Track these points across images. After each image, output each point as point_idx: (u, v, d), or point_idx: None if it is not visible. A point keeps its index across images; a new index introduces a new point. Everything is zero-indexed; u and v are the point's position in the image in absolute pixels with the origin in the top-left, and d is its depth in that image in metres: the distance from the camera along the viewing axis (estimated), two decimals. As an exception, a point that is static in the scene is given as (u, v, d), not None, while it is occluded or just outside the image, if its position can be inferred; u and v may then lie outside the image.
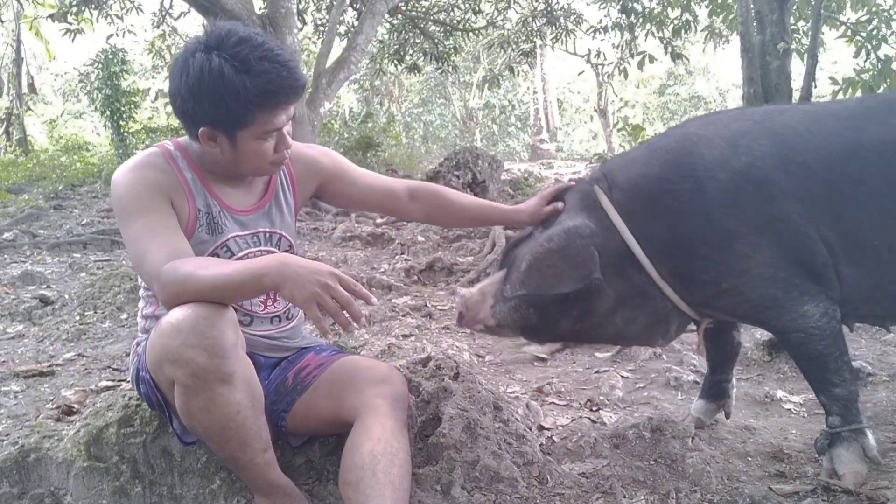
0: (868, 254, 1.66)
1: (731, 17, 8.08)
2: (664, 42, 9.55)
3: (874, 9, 6.58)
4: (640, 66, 9.61)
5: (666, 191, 1.70)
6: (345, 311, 1.26)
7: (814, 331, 1.67)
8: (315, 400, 1.56)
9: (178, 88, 1.40)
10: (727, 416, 2.03)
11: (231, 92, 1.34)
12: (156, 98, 17.61)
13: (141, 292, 1.64)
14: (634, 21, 9.22)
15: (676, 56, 9.73)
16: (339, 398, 1.53)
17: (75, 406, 2.15)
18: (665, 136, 1.87)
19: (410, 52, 11.50)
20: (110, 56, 11.26)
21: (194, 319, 1.27)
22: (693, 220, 1.67)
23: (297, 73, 1.42)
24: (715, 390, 2.02)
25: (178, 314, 1.29)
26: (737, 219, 1.64)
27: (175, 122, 12.89)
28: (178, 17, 11.29)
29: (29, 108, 16.47)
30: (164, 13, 10.50)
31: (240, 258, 1.55)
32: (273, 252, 1.60)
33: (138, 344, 1.59)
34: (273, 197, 1.64)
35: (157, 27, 11.02)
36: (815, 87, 5.72)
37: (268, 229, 1.62)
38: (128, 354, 2.62)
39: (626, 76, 10.82)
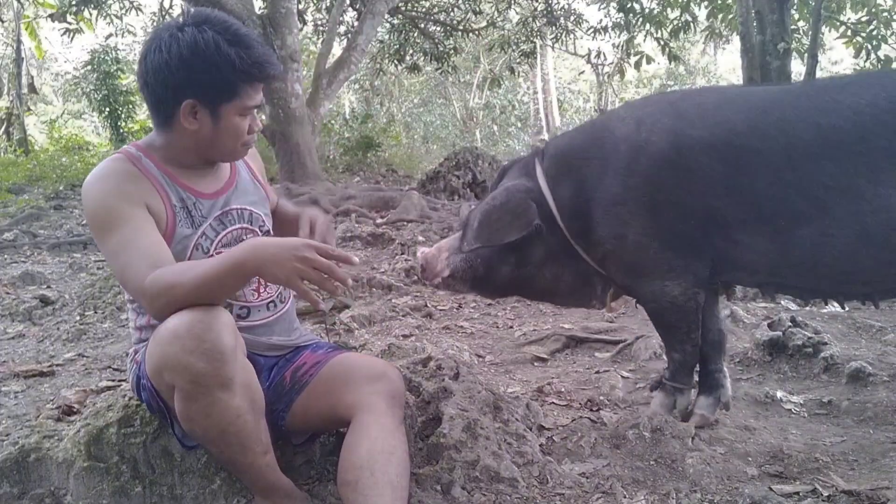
0: (766, 221, 1.79)
1: (730, 17, 8.08)
2: (661, 43, 9.56)
3: (874, 9, 6.59)
4: (637, 66, 9.62)
5: (580, 158, 1.94)
6: (330, 279, 1.26)
7: (668, 304, 1.90)
8: (313, 398, 1.56)
9: (167, 60, 1.38)
10: (726, 407, 2.06)
11: (226, 61, 1.38)
12: (156, 98, 17.57)
13: (129, 304, 1.63)
14: (633, 21, 9.21)
15: (673, 58, 9.73)
16: (336, 396, 1.53)
17: (75, 406, 2.14)
18: (600, 115, 2.18)
19: (410, 52, 11.51)
20: (103, 56, 11.26)
21: (191, 324, 1.27)
22: (594, 185, 1.88)
23: (272, 53, 1.51)
24: (709, 382, 2.06)
25: (174, 321, 1.29)
26: (625, 186, 1.84)
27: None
28: (178, 17, 11.29)
29: (29, 108, 16.46)
30: (163, 13, 10.50)
31: (219, 240, 1.57)
32: (246, 228, 1.63)
33: (136, 352, 1.59)
34: (238, 176, 1.66)
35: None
36: (815, 87, 5.71)
37: (238, 206, 1.63)
38: (127, 355, 2.62)
39: (622, 76, 10.83)
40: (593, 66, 11.99)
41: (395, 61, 11.69)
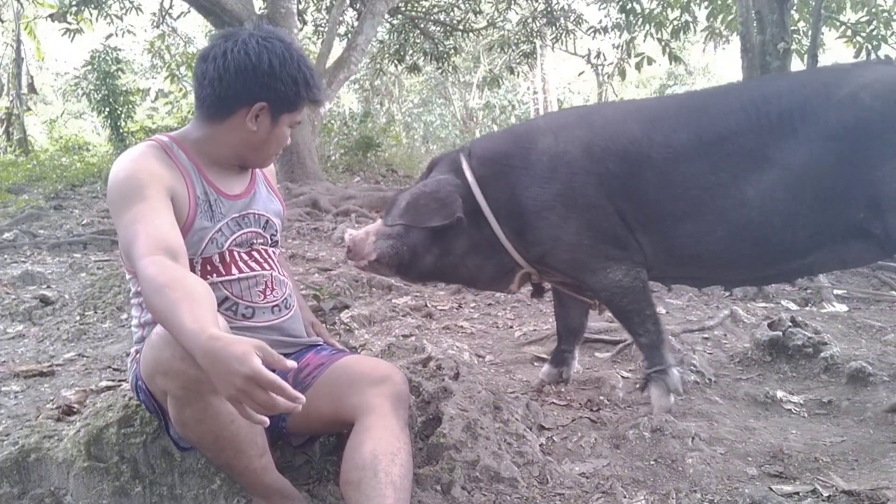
0: (657, 221, 2.01)
1: (730, 17, 8.07)
2: (662, 44, 9.54)
3: (874, 9, 6.58)
4: (638, 67, 9.61)
5: (507, 165, 2.10)
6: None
7: (616, 290, 2.05)
8: (316, 400, 1.56)
9: (255, 63, 1.49)
10: (566, 381, 2.42)
11: (303, 77, 1.54)
12: (156, 98, 17.58)
13: (133, 300, 1.63)
14: (633, 21, 9.20)
15: (674, 58, 9.72)
16: (340, 398, 1.53)
17: (75, 406, 2.14)
18: (522, 123, 2.32)
19: (410, 52, 11.50)
20: (104, 56, 11.24)
21: None
22: (523, 192, 2.05)
23: None
24: (558, 358, 2.43)
25: None
26: (551, 193, 2.01)
27: (174, 122, 12.91)
28: (178, 17, 11.29)
29: (29, 108, 16.44)
30: (163, 13, 10.50)
31: (233, 239, 1.60)
32: (259, 233, 1.66)
33: (137, 352, 1.59)
34: (256, 185, 1.72)
35: (157, 27, 11.02)
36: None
37: (255, 211, 1.67)
38: (128, 354, 2.63)
39: (623, 77, 10.81)
40: (593, 66, 11.96)
41: (395, 61, 11.68)
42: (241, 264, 1.61)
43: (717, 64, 23.05)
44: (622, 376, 2.51)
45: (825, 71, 2.25)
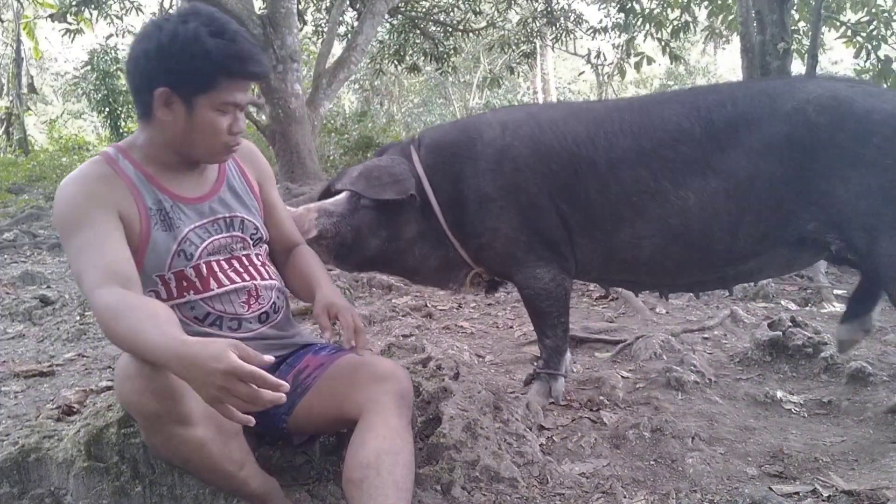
0: (597, 225, 2.02)
1: (730, 17, 8.07)
2: (662, 43, 9.55)
3: (874, 9, 6.58)
4: (637, 67, 9.61)
5: (453, 155, 2.10)
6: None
7: (541, 291, 2.10)
8: (318, 400, 1.55)
9: (146, 49, 1.38)
10: (565, 376, 2.30)
11: (202, 51, 1.35)
12: (156, 98, 17.51)
13: None
14: (633, 21, 9.20)
15: (674, 58, 9.73)
16: (343, 396, 1.52)
17: (75, 406, 2.14)
18: (471, 116, 2.35)
19: (410, 52, 11.51)
20: (103, 56, 11.26)
21: (140, 364, 1.24)
22: (467, 182, 2.06)
23: (262, 54, 1.47)
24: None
25: (126, 358, 1.28)
26: (494, 185, 2.02)
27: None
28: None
29: (29, 108, 16.45)
30: (164, 14, 10.49)
31: (205, 248, 1.52)
32: (237, 236, 1.58)
33: None
34: (226, 182, 1.61)
35: (157, 27, 11.01)
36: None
37: (226, 214, 1.57)
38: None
39: (623, 77, 10.81)
40: (593, 66, 11.96)
41: (395, 61, 11.69)
42: (220, 276, 1.54)
43: (717, 64, 23.06)
44: (622, 376, 2.51)
45: (771, 83, 2.25)
